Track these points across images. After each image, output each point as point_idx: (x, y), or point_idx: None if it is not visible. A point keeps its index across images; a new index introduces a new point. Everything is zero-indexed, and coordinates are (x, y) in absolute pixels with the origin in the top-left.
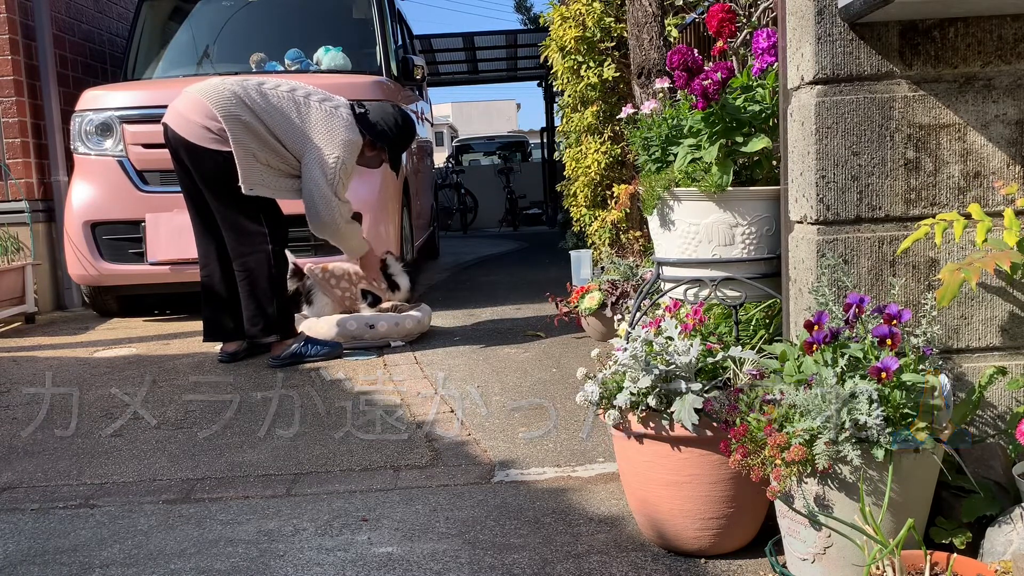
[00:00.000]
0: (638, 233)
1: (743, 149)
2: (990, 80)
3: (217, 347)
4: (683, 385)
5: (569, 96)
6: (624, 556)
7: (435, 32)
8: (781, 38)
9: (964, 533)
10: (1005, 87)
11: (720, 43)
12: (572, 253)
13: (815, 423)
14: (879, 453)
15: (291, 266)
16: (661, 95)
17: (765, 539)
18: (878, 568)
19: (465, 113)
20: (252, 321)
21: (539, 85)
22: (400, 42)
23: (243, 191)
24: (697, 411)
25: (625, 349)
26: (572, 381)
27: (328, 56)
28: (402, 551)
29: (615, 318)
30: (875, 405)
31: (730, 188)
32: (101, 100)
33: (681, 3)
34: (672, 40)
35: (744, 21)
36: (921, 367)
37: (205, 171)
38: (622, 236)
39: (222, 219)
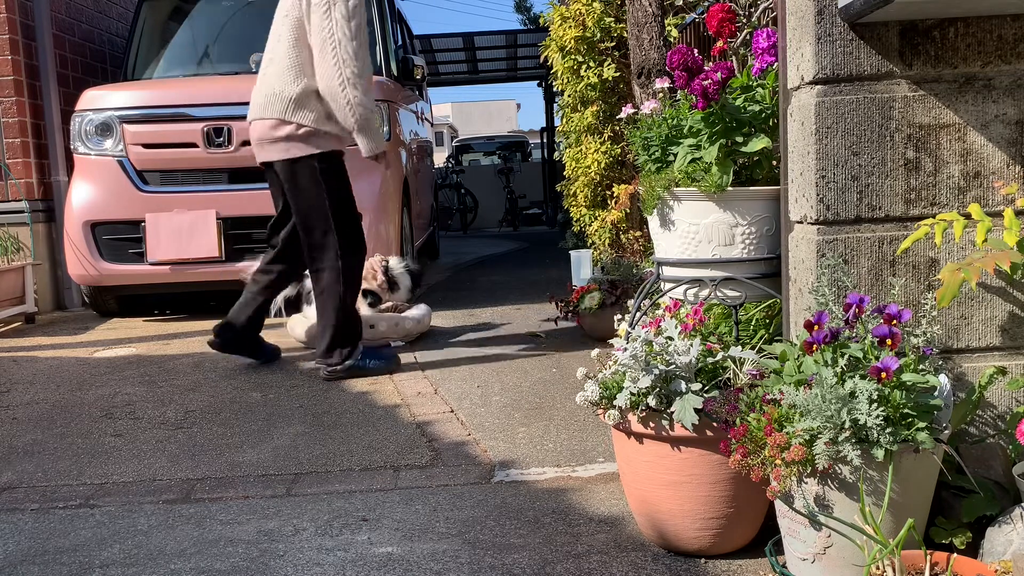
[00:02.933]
0: (638, 233)
1: (743, 149)
2: (990, 80)
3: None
4: (683, 385)
5: (569, 96)
6: (624, 556)
7: (435, 32)
8: (781, 38)
9: (964, 533)
10: (1005, 87)
11: (720, 43)
12: (572, 253)
13: (815, 423)
14: (879, 453)
15: None
16: (661, 95)
17: (765, 539)
18: (878, 568)
19: (465, 113)
20: (319, 338)
21: (539, 85)
22: (400, 42)
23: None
24: (697, 411)
25: (625, 349)
26: (572, 381)
27: None
28: (402, 551)
29: (615, 318)
30: (875, 405)
31: (730, 188)
32: (101, 100)
33: (681, 3)
34: (672, 40)
35: (744, 21)
36: (921, 367)
37: (298, 182)
38: (622, 236)
39: (300, 229)
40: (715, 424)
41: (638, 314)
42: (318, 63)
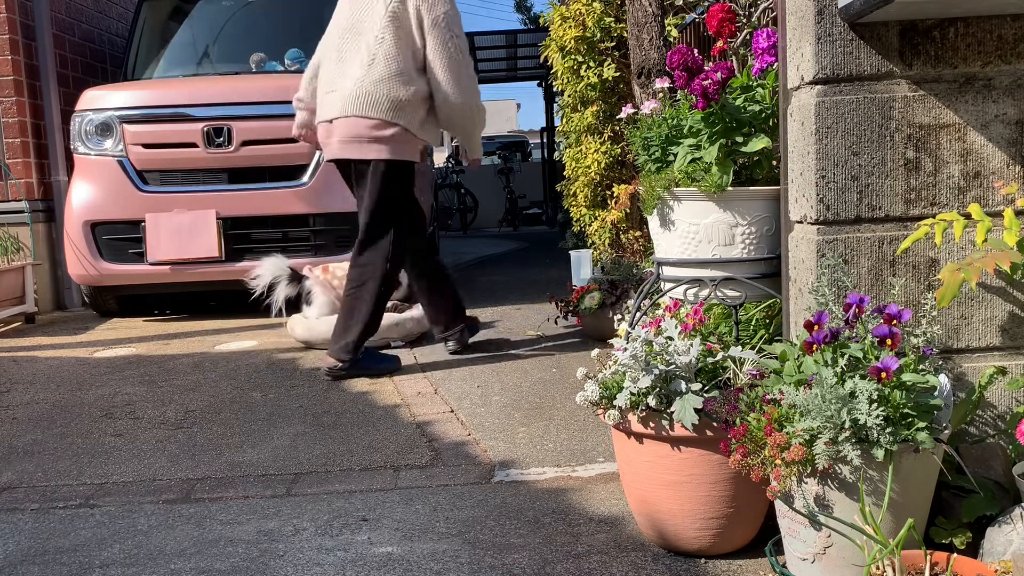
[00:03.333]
0: (638, 233)
1: (743, 149)
2: (990, 80)
3: (217, 347)
4: (683, 385)
5: (569, 96)
6: (624, 556)
7: None
8: (781, 38)
9: (964, 533)
10: (1005, 87)
11: (720, 43)
12: (572, 253)
13: (815, 423)
14: (879, 453)
15: (288, 270)
16: (661, 95)
17: (765, 539)
18: (878, 568)
19: None
20: (335, 338)
21: (539, 85)
22: None
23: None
24: (697, 411)
25: (625, 349)
26: (572, 381)
27: None
28: (402, 551)
29: (615, 318)
30: (875, 405)
31: (730, 188)
32: (101, 100)
33: (681, 3)
34: (672, 40)
35: (744, 21)
36: (921, 367)
37: (380, 181)
38: (622, 236)
39: (362, 223)
40: (715, 424)
41: (638, 314)
42: (446, 78)
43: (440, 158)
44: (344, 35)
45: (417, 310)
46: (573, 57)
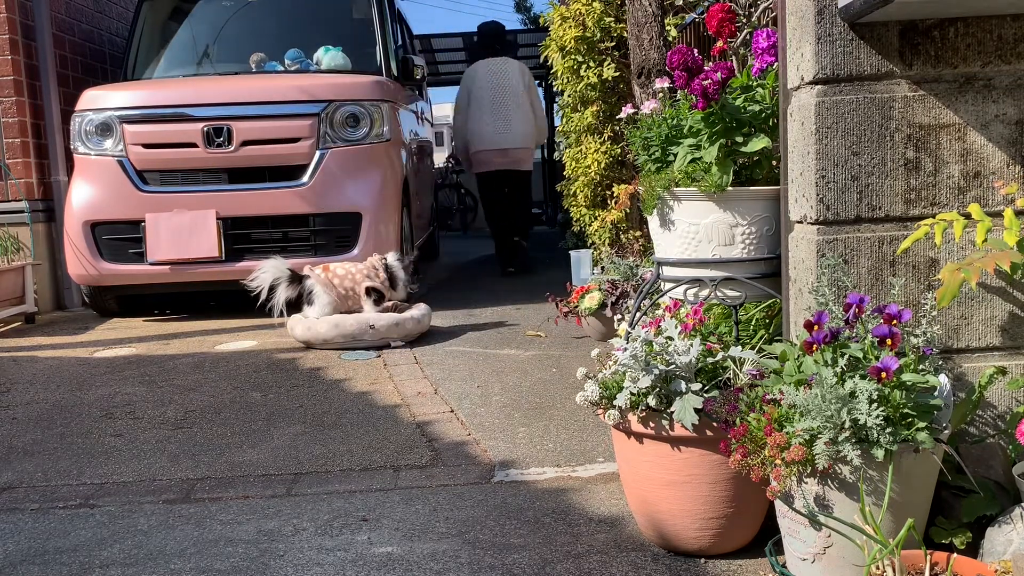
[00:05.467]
0: (638, 233)
1: (743, 149)
2: (990, 80)
3: (217, 347)
4: (683, 385)
5: (569, 96)
6: (624, 556)
7: (435, 32)
8: (781, 38)
9: (964, 533)
10: (1005, 87)
11: (720, 43)
12: (572, 253)
13: (815, 423)
14: (879, 453)
15: (288, 272)
16: (661, 95)
17: (765, 539)
18: (878, 568)
19: None
20: (520, 260)
21: (539, 85)
22: (400, 42)
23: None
24: (697, 411)
25: (625, 349)
26: (572, 381)
27: (328, 56)
28: (402, 551)
29: (615, 318)
30: (875, 405)
31: (730, 188)
32: (101, 100)
33: (681, 3)
34: (672, 40)
35: (744, 21)
36: (921, 367)
37: (527, 182)
38: (622, 236)
39: (518, 211)
40: (715, 424)
41: (638, 314)
42: (540, 119)
43: (440, 158)
44: (494, 95)
45: (417, 310)
46: (573, 57)
